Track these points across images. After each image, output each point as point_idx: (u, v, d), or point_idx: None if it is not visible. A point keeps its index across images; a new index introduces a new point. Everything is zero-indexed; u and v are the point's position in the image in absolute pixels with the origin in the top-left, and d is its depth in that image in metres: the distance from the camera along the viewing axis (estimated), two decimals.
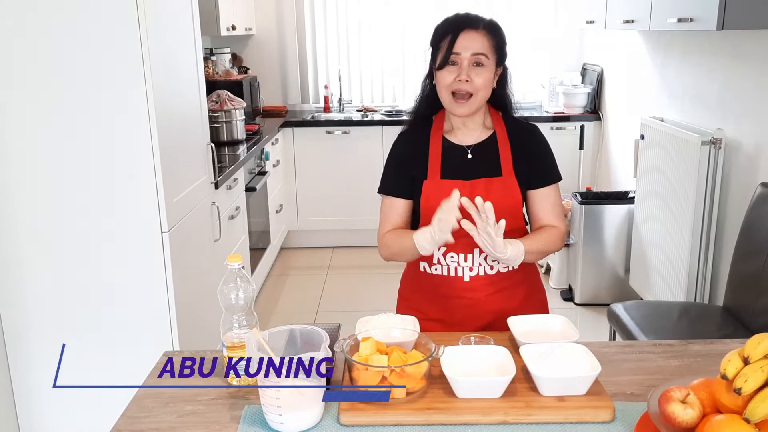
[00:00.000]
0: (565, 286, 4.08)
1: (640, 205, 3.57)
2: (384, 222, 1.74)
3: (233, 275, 1.34)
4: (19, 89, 2.22)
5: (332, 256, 4.92)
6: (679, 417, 1.07)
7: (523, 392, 1.28)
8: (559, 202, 1.74)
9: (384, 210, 1.75)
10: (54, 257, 2.35)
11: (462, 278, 1.67)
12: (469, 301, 1.68)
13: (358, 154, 4.82)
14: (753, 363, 1.05)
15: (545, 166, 1.73)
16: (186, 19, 2.66)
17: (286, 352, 1.29)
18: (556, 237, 1.70)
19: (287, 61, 5.33)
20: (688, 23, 2.61)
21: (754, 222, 2.48)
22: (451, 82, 1.61)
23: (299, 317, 3.84)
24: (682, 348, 1.52)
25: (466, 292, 1.68)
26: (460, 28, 1.61)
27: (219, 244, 3.01)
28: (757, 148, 2.70)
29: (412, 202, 1.72)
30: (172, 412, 1.29)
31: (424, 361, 1.27)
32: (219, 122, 3.88)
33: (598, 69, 4.78)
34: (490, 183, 1.65)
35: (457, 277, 1.67)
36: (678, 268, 3.10)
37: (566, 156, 4.63)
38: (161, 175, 2.29)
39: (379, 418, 1.23)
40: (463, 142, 1.70)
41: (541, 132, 1.76)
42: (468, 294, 1.68)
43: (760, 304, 2.39)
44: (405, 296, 1.82)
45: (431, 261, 1.70)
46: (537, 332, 1.48)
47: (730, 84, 2.91)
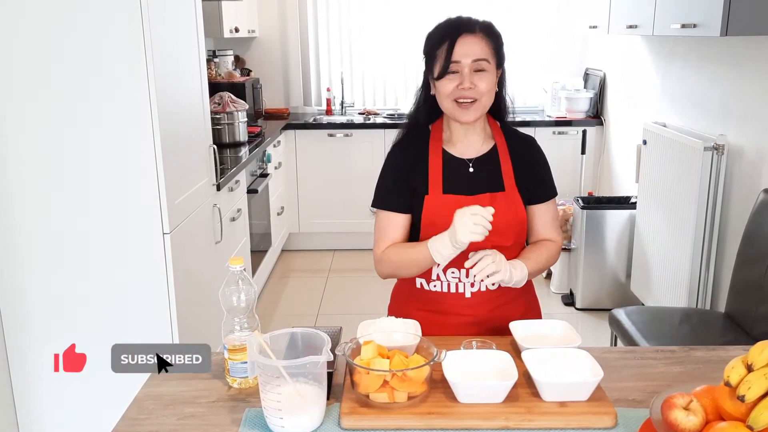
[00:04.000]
0: (566, 290, 4.08)
1: (641, 211, 3.56)
2: (381, 239, 1.64)
3: (235, 277, 1.34)
4: (21, 90, 2.22)
5: (333, 259, 4.92)
6: (681, 424, 1.06)
7: (525, 397, 1.28)
8: (557, 215, 1.72)
9: (381, 226, 1.65)
10: (55, 259, 2.35)
11: (463, 294, 1.63)
12: (471, 319, 1.63)
13: (360, 157, 4.82)
14: (757, 370, 1.05)
15: (545, 181, 1.69)
16: (189, 20, 2.66)
17: (287, 355, 1.28)
18: (555, 252, 1.69)
19: (290, 63, 5.33)
20: (692, 29, 2.61)
21: (757, 228, 2.47)
22: (453, 90, 1.55)
23: (300, 320, 3.83)
24: (684, 354, 1.51)
25: (467, 309, 1.63)
26: (456, 34, 1.54)
27: (220, 246, 3.01)
28: (760, 154, 2.69)
29: (410, 217, 1.64)
30: (173, 415, 1.29)
31: (425, 365, 1.26)
32: (221, 124, 3.88)
33: (600, 74, 4.78)
34: (494, 198, 1.60)
35: (458, 293, 1.62)
36: (680, 274, 3.09)
37: (568, 161, 4.63)
38: (163, 176, 2.29)
39: (381, 422, 1.23)
40: (464, 155, 1.64)
41: (538, 144, 1.73)
42: (469, 311, 1.63)
43: (762, 310, 2.38)
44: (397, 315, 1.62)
45: (430, 277, 1.63)
46: (539, 337, 1.47)
47: (732, 90, 2.91)
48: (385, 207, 1.65)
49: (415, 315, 1.60)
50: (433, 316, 1.63)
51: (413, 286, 1.67)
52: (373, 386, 1.25)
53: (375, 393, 1.25)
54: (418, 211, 1.61)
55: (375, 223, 1.68)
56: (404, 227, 1.65)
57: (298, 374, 1.22)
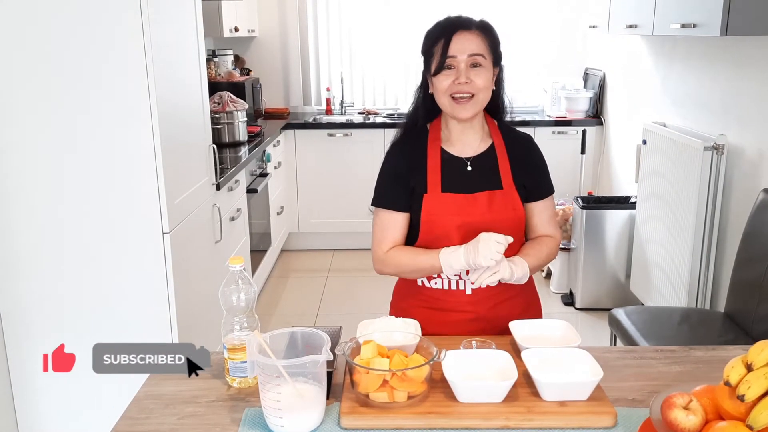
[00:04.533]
0: (566, 290, 4.08)
1: (641, 210, 3.56)
2: (382, 237, 1.66)
3: (234, 277, 1.34)
4: (21, 91, 2.21)
5: (333, 259, 4.92)
6: (681, 423, 1.06)
7: (525, 397, 1.28)
8: (554, 212, 1.74)
9: (381, 224, 1.67)
10: (54, 258, 2.35)
11: (464, 292, 1.64)
12: (471, 315, 1.64)
13: (360, 157, 4.82)
14: (756, 370, 1.05)
15: (543, 179, 1.71)
16: (189, 20, 2.66)
17: (287, 354, 1.28)
18: (554, 247, 1.70)
19: (289, 62, 5.33)
20: (692, 29, 2.61)
21: (756, 228, 2.47)
22: (449, 86, 1.57)
23: (300, 320, 3.83)
24: (683, 354, 1.51)
25: (468, 306, 1.64)
26: (452, 31, 1.57)
27: (220, 246, 3.01)
28: (760, 154, 2.69)
29: (409, 216, 1.66)
30: (173, 414, 1.29)
31: (425, 364, 1.26)
32: (221, 124, 3.88)
33: (600, 74, 4.78)
34: (492, 196, 1.62)
35: (459, 290, 1.64)
36: (679, 274, 3.09)
37: (568, 160, 4.63)
38: (163, 176, 2.29)
39: (380, 421, 1.23)
40: (462, 154, 1.66)
41: (535, 142, 1.74)
42: (470, 308, 1.64)
43: (761, 310, 2.38)
44: (399, 312, 1.71)
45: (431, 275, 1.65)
46: (539, 337, 1.47)
47: (732, 90, 2.91)
48: (385, 206, 1.67)
49: (416, 312, 1.63)
50: (434, 313, 1.65)
51: (414, 284, 1.69)
52: (372, 386, 1.25)
53: (375, 392, 1.25)
54: (416, 209, 1.63)
55: (373, 221, 1.69)
56: (403, 226, 1.66)
57: (297, 374, 1.22)
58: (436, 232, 1.60)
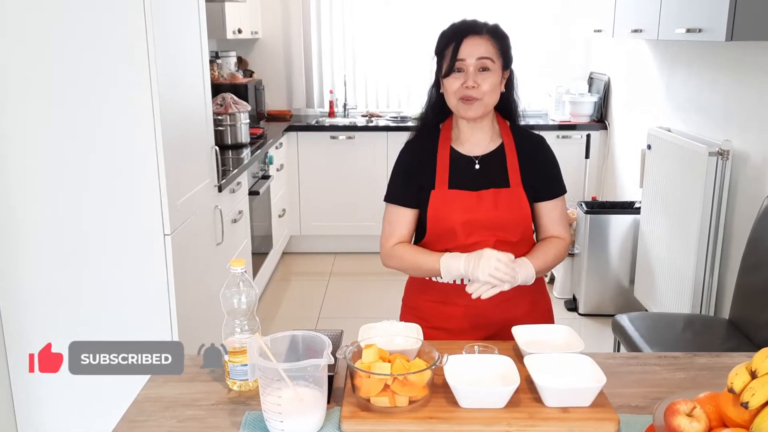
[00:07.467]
0: (569, 295, 4.06)
1: (645, 216, 3.55)
2: (390, 232, 1.72)
3: (236, 279, 1.34)
4: (23, 91, 2.22)
5: (335, 262, 4.91)
6: (685, 430, 1.05)
7: (527, 403, 1.27)
8: (565, 213, 1.77)
9: (390, 219, 1.73)
10: (55, 259, 2.35)
11: None
12: (475, 311, 1.67)
13: (362, 160, 4.81)
14: (761, 377, 1.04)
15: (553, 179, 1.74)
16: (192, 21, 2.66)
17: (288, 357, 1.28)
18: (563, 249, 1.73)
19: (293, 65, 5.33)
20: (697, 33, 2.60)
21: (761, 234, 2.46)
22: (458, 89, 1.62)
23: (301, 323, 3.83)
24: (687, 360, 1.50)
25: (472, 301, 1.64)
26: (463, 35, 1.62)
27: (221, 248, 3.01)
28: (765, 159, 2.68)
29: (418, 212, 1.71)
30: (172, 417, 1.28)
31: (427, 369, 1.26)
32: (223, 125, 3.88)
33: (605, 78, 4.77)
34: (498, 194, 1.65)
35: (464, 285, 1.65)
36: (683, 280, 3.08)
37: (572, 165, 4.60)
38: (164, 177, 2.29)
39: (381, 426, 1.22)
40: (471, 153, 1.70)
41: (547, 143, 1.78)
42: (474, 303, 1.64)
43: (766, 317, 2.37)
44: (409, 304, 1.81)
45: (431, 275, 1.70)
46: (541, 342, 1.46)
47: (737, 95, 2.90)
48: (394, 201, 1.73)
49: (425, 306, 1.74)
50: (442, 308, 1.71)
51: (423, 279, 1.74)
52: (374, 390, 1.24)
53: (376, 397, 1.24)
54: (425, 206, 1.68)
55: (384, 215, 1.75)
56: (411, 221, 1.72)
57: (298, 377, 1.21)
58: (442, 228, 1.66)
